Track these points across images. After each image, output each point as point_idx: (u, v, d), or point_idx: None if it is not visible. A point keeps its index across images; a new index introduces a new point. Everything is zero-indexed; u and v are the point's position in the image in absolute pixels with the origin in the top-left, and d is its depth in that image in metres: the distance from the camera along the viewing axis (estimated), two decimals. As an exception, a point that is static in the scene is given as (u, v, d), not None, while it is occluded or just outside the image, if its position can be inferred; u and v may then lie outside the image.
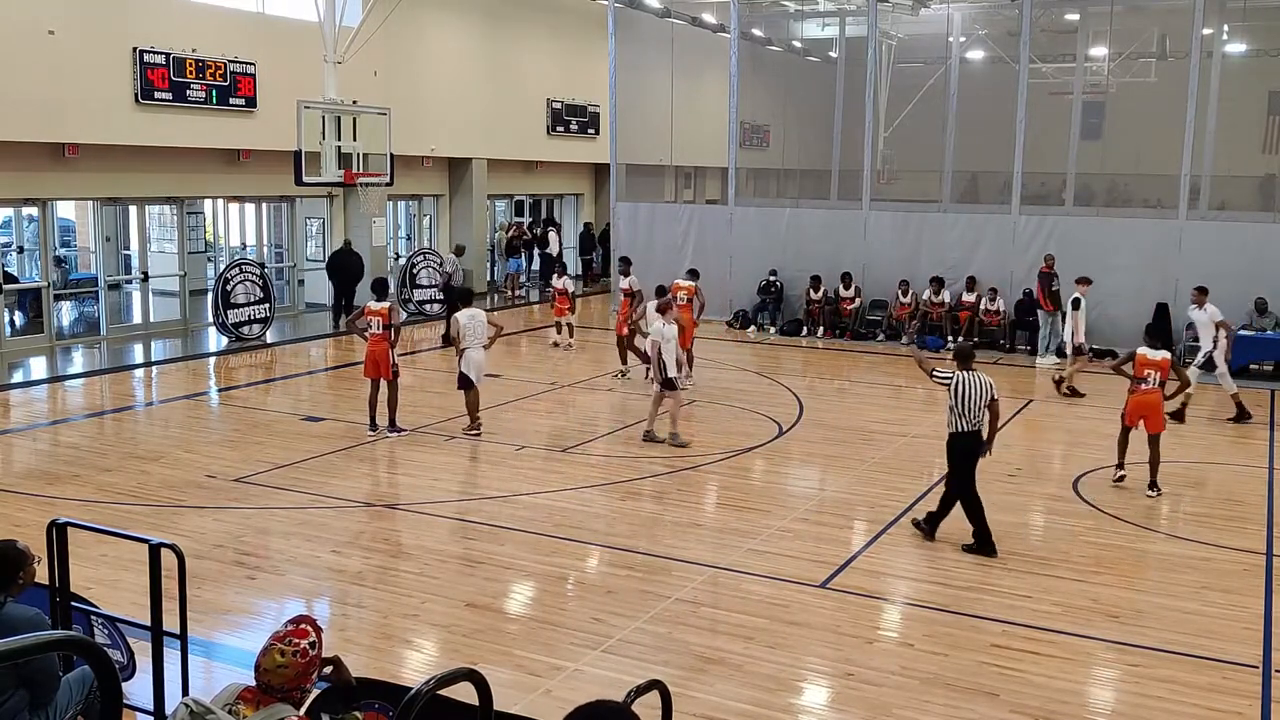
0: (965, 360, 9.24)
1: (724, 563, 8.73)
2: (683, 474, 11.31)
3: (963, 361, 9.24)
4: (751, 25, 27.15)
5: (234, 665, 6.60)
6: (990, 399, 9.01)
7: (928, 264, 20.35)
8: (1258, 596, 8.25)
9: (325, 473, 11.10)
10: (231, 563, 8.57)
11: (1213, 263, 18.27)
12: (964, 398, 9.00)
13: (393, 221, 24.80)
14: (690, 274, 17.53)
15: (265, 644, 3.84)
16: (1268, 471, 11.83)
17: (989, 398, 9.01)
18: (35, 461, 11.77)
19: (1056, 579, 8.50)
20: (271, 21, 20.12)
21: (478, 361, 12.56)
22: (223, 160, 19.77)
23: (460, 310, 12.81)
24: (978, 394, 9.00)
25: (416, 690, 3.64)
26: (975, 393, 9.00)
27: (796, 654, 7.13)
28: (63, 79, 16.40)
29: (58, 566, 5.71)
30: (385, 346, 12.36)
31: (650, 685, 4.60)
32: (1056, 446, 12.82)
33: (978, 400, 8.99)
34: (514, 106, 25.76)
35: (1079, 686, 6.82)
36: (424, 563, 8.62)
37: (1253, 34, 25.91)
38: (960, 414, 9.03)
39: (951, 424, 9.10)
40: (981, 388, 9.01)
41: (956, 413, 9.04)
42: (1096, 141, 25.91)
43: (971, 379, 9.04)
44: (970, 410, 9.00)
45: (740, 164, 23.36)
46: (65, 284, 20.62)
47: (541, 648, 7.16)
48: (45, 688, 4.93)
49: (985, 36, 27.11)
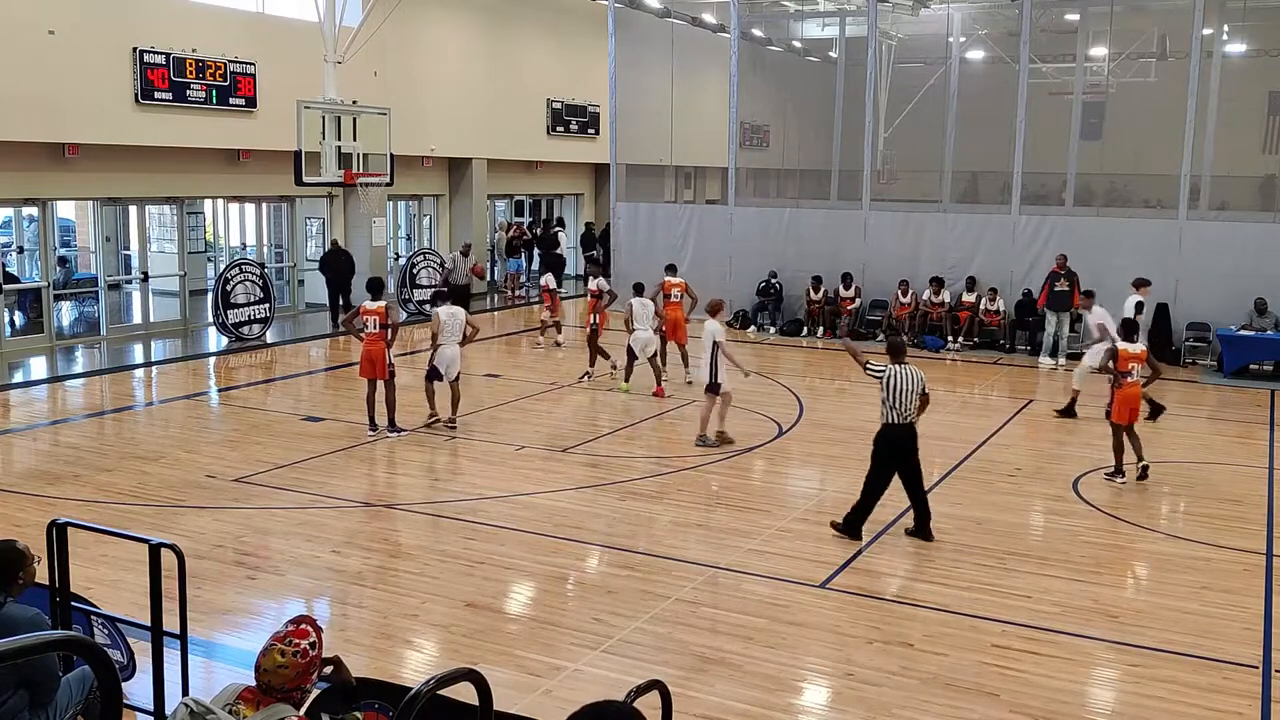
0: (897, 354, 9.36)
1: (724, 563, 8.73)
2: (683, 474, 11.31)
3: (895, 356, 9.35)
4: (751, 25, 27.15)
5: (234, 665, 6.60)
6: (921, 391, 9.17)
7: (928, 264, 20.34)
8: (1258, 596, 8.25)
9: (325, 473, 11.10)
10: (231, 563, 8.57)
11: (1213, 263, 18.29)
12: (896, 391, 9.11)
13: (393, 221, 24.81)
14: (669, 269, 17.55)
15: (265, 644, 3.85)
16: (1268, 471, 11.82)
17: (920, 390, 9.15)
18: (35, 461, 11.77)
19: (1056, 579, 8.50)
20: (271, 21, 20.13)
21: (450, 357, 12.84)
22: (223, 160, 19.78)
23: (442, 306, 13.14)
24: (910, 387, 9.11)
25: (416, 690, 3.64)
26: (907, 386, 9.11)
27: (796, 654, 7.13)
28: (63, 79, 16.41)
29: (58, 566, 5.71)
30: (381, 346, 12.30)
31: (650, 685, 4.60)
32: (1056, 446, 12.81)
33: (910, 393, 9.11)
34: (514, 106, 25.76)
35: (1079, 686, 6.82)
36: (424, 563, 8.62)
37: (1253, 34, 25.92)
38: (892, 406, 9.13)
39: (884, 416, 9.22)
40: (913, 381, 9.14)
41: (888, 405, 9.15)
42: (1096, 141, 25.89)
43: (903, 372, 9.16)
44: (902, 403, 9.11)
45: (740, 164, 23.35)
46: (67, 283, 20.61)
47: (541, 648, 7.16)
48: (45, 688, 4.93)
49: (985, 36, 27.12)
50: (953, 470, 11.59)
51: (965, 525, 9.76)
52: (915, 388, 9.15)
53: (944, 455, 12.14)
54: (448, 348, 12.82)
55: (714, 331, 12.34)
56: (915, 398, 9.16)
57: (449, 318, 12.89)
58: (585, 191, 31.13)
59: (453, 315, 12.94)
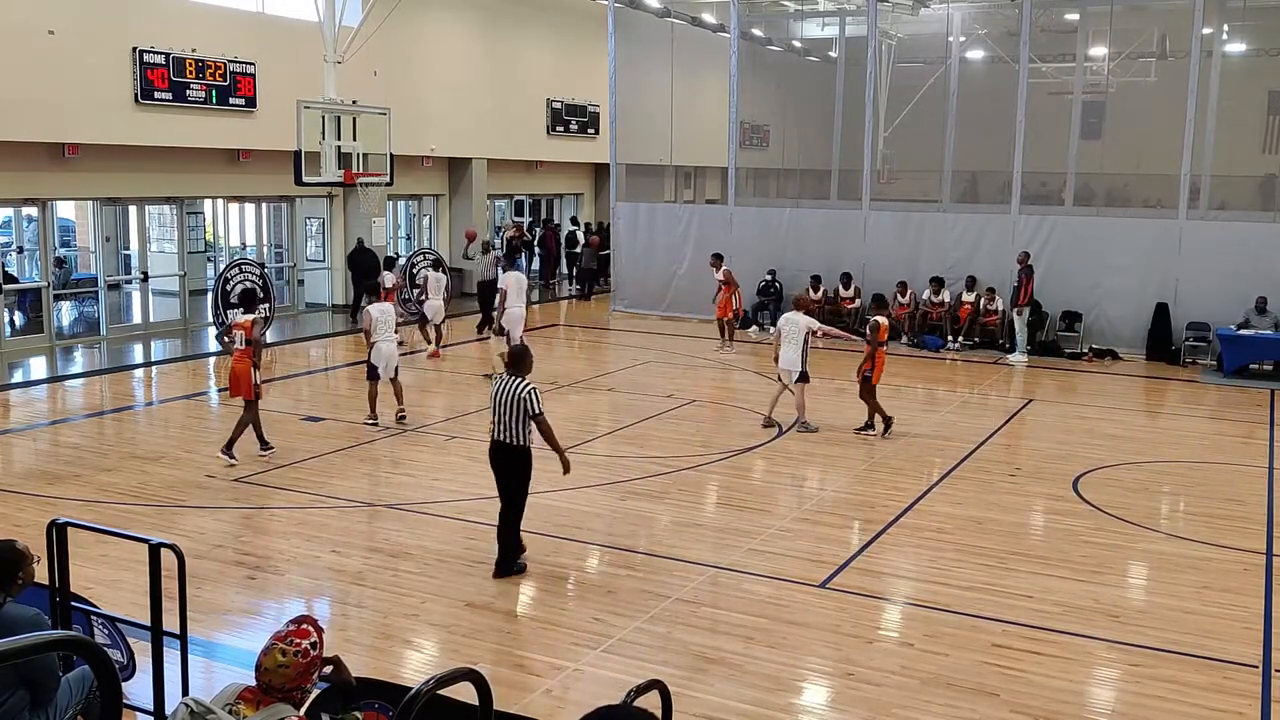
0: (516, 365, 8.31)
1: (724, 562, 8.72)
2: (683, 474, 11.31)
3: (511, 366, 8.36)
4: (751, 25, 27.14)
5: (234, 665, 6.60)
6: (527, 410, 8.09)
7: (927, 264, 20.34)
8: (1258, 596, 8.25)
9: (325, 473, 11.10)
10: (231, 563, 8.57)
11: (1212, 263, 18.29)
12: (495, 407, 8.20)
13: (392, 221, 24.80)
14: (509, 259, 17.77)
15: (266, 644, 3.85)
16: (1268, 471, 11.82)
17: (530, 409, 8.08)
18: (35, 461, 11.77)
19: (1057, 579, 8.49)
20: (271, 21, 20.12)
21: (387, 354, 13.07)
22: (223, 160, 19.77)
23: (373, 304, 13.47)
24: (510, 404, 8.11)
25: (416, 690, 3.64)
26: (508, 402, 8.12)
27: (796, 654, 7.13)
28: (63, 79, 16.40)
29: (58, 566, 5.71)
30: (248, 365, 11.23)
31: (650, 685, 4.59)
32: (1056, 446, 12.81)
33: (511, 409, 8.11)
34: (514, 106, 25.77)
35: (1079, 686, 6.82)
36: (424, 563, 8.61)
37: (1253, 34, 25.89)
38: (495, 422, 8.23)
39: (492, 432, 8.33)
40: (514, 399, 8.08)
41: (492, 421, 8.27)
42: (1096, 141, 25.87)
43: (507, 387, 8.14)
44: (501, 420, 8.16)
45: (740, 164, 23.37)
46: (65, 284, 20.61)
47: (541, 648, 7.16)
48: (45, 688, 4.93)
49: (985, 36, 27.10)
50: (953, 470, 11.59)
51: (965, 525, 9.75)
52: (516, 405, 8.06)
53: (944, 455, 12.15)
54: (384, 345, 13.04)
55: (806, 323, 13.04)
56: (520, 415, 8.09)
57: (380, 315, 13.13)
58: (585, 191, 31.13)
59: (384, 313, 13.20)
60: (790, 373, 13.09)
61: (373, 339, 13.08)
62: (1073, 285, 19.24)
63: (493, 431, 8.31)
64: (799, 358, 12.96)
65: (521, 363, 8.35)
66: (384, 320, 13.11)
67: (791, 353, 13.00)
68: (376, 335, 13.05)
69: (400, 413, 13.22)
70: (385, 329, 13.10)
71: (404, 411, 13.25)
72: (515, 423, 8.13)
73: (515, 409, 8.10)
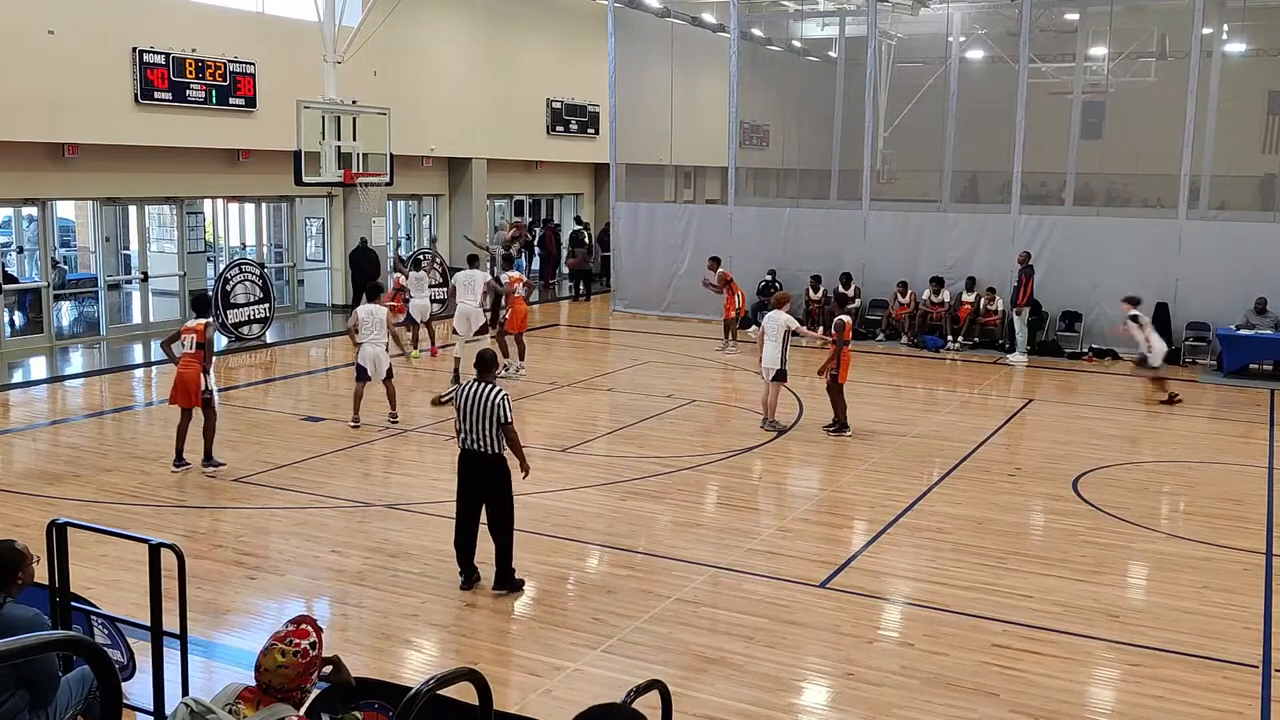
0: (485, 371, 8.11)
1: (724, 562, 8.72)
2: (682, 474, 11.31)
3: (480, 372, 8.12)
4: (751, 25, 27.15)
5: (234, 665, 6.60)
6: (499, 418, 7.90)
7: (927, 264, 20.33)
8: (1258, 596, 8.25)
9: (325, 473, 11.10)
10: (231, 563, 8.57)
11: (1213, 263, 18.29)
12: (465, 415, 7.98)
13: (392, 221, 24.80)
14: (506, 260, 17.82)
15: (266, 644, 3.85)
16: (1268, 471, 11.82)
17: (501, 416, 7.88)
18: (35, 461, 11.77)
19: (1057, 579, 8.49)
20: (271, 21, 20.12)
21: (372, 355, 12.99)
22: (222, 160, 19.77)
23: (362, 305, 13.32)
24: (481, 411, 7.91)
25: (416, 690, 3.64)
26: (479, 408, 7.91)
27: (796, 654, 7.13)
28: (63, 79, 16.40)
29: (58, 566, 5.71)
30: (197, 370, 10.86)
31: (650, 685, 4.60)
32: (1056, 446, 12.81)
33: (482, 416, 7.91)
34: (514, 106, 25.76)
35: (1079, 686, 6.82)
36: (424, 563, 8.61)
37: (1253, 34, 25.92)
38: (467, 431, 8.00)
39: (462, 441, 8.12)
40: (486, 405, 7.88)
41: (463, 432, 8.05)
42: (1096, 141, 25.90)
43: (476, 394, 7.94)
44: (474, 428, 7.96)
45: (740, 164, 23.35)
46: (63, 285, 20.60)
47: (541, 648, 7.16)
48: (45, 688, 4.93)
49: (985, 36, 27.11)
50: (953, 470, 11.59)
51: (965, 525, 9.75)
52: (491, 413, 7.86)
53: (944, 455, 12.15)
54: (368, 347, 12.96)
55: (785, 321, 13.00)
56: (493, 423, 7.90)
57: (368, 316, 13.05)
58: (585, 191, 31.12)
59: (371, 314, 13.10)
60: (769, 370, 13.09)
61: (358, 339, 13.04)
62: (1072, 285, 19.22)
63: (462, 440, 8.02)
64: (779, 356, 12.98)
65: (491, 368, 8.15)
66: (370, 321, 13.02)
67: (772, 350, 13.01)
68: (361, 336, 12.99)
69: (392, 415, 13.14)
70: (369, 330, 12.99)
71: (395, 414, 13.16)
72: (488, 429, 7.89)
73: (487, 415, 7.87)
